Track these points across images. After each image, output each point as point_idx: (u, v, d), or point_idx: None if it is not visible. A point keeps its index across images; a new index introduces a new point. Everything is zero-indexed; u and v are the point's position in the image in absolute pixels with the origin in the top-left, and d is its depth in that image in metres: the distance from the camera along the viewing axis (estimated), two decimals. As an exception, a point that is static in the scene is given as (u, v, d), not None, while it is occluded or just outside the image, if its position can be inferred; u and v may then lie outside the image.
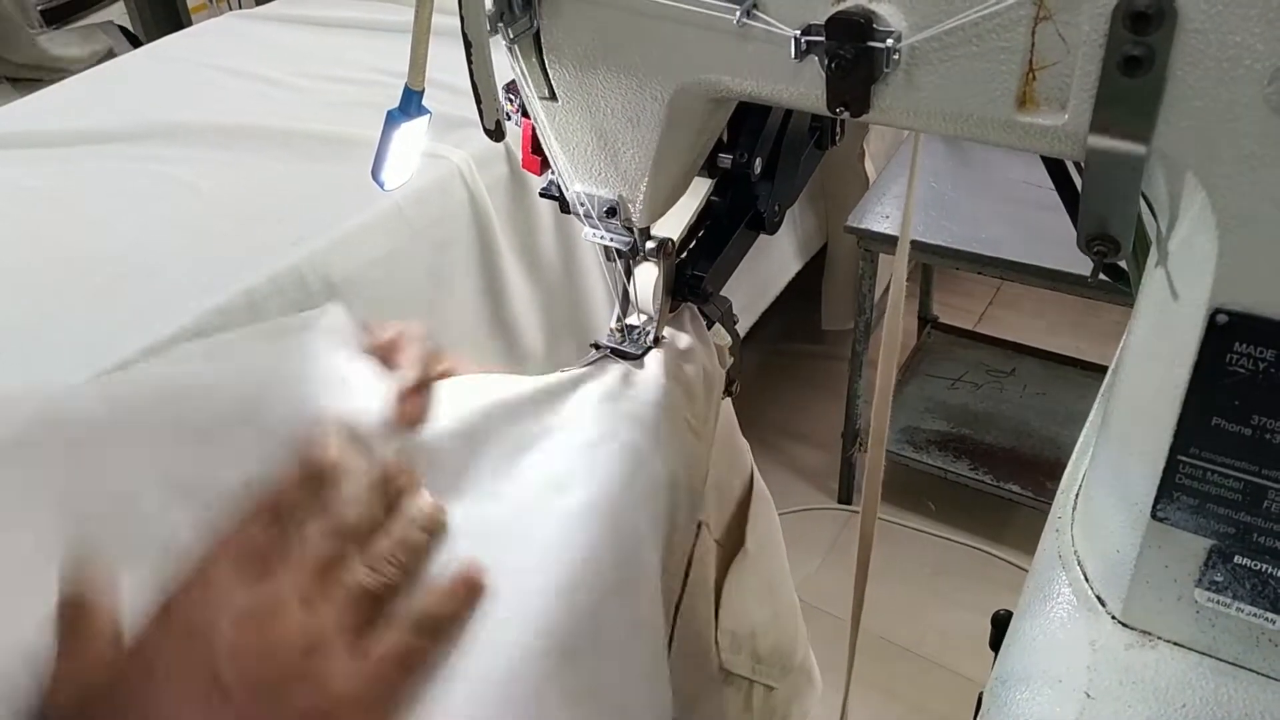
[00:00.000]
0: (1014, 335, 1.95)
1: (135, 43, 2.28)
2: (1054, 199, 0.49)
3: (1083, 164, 0.35)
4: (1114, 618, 0.40)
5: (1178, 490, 0.36)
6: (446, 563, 0.39)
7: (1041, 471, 1.60)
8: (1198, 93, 0.31)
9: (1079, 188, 0.49)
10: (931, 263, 1.58)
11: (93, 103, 1.35)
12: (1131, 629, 0.40)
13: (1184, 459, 0.36)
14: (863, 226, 1.49)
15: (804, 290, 1.79)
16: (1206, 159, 0.32)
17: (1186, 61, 0.31)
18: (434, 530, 0.39)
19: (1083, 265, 1.47)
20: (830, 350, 2.08)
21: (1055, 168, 0.48)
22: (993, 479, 1.60)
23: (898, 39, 0.34)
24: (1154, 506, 0.37)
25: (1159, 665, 0.38)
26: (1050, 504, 1.81)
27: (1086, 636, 0.39)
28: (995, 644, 0.68)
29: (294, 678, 0.33)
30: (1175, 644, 0.39)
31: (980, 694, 0.75)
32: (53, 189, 1.12)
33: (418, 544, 0.38)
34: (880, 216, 1.50)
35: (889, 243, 1.48)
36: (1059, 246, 1.35)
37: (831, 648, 0.91)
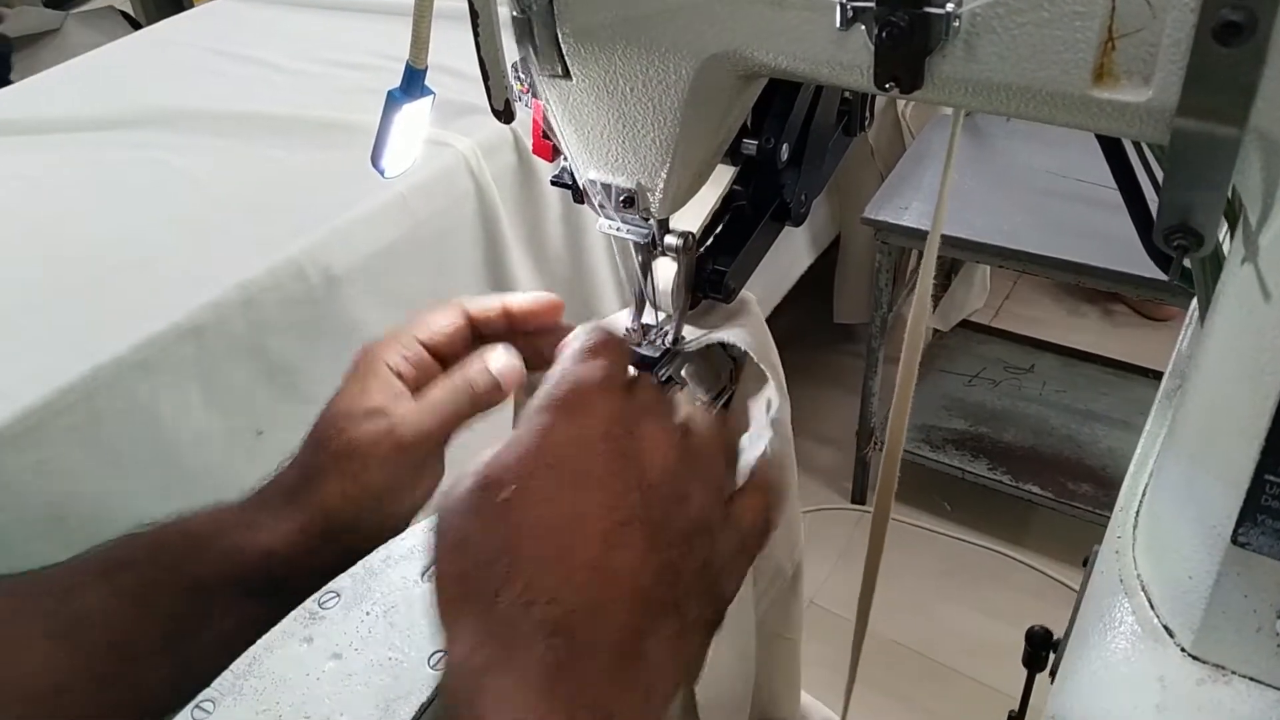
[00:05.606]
0: (1031, 330, 1.91)
1: (135, 26, 2.24)
2: (1077, 189, 0.46)
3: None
4: (1183, 650, 0.36)
5: (1263, 513, 0.33)
6: None
7: (1061, 472, 1.56)
8: (1304, 65, 0.27)
9: (1137, 175, 0.45)
10: (950, 255, 1.54)
11: (89, 88, 1.31)
12: (1203, 662, 0.36)
13: (1272, 479, 0.32)
14: (880, 218, 1.45)
15: (816, 284, 1.75)
16: (1311, 141, 0.28)
17: (1292, 28, 0.27)
18: None
19: (1104, 258, 1.40)
20: (844, 346, 2.04)
21: (1113, 150, 0.44)
22: (1011, 479, 1.56)
23: (958, 3, 0.30)
24: (1235, 530, 0.33)
25: (1235, 704, 0.35)
26: (1070, 505, 1.76)
27: (1154, 671, 0.36)
28: (1029, 662, 0.64)
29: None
30: (1252, 680, 0.35)
31: (1010, 713, 0.71)
32: (44, 178, 1.09)
33: None
34: (899, 208, 1.46)
35: (907, 235, 1.43)
36: (1082, 238, 1.31)
37: (844, 652, 0.87)
